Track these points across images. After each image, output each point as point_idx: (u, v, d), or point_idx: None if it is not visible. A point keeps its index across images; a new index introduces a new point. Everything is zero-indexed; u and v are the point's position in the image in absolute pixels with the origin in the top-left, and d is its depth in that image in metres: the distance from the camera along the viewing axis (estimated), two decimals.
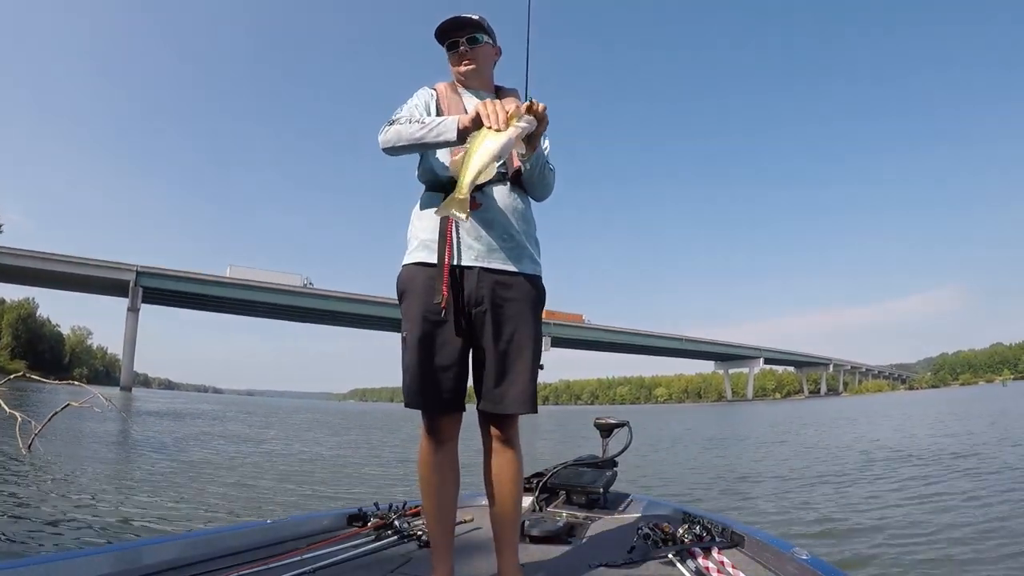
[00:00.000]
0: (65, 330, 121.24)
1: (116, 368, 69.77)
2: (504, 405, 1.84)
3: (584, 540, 2.46)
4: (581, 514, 2.85)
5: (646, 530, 2.27)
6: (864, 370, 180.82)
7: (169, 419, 21.49)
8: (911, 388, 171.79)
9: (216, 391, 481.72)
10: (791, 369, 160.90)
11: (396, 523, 2.50)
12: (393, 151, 1.84)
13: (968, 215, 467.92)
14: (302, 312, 75.69)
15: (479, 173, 1.63)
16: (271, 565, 1.99)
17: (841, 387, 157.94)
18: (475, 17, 1.97)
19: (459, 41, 1.96)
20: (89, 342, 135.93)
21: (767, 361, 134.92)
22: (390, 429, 22.43)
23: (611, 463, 3.20)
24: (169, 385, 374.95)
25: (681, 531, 2.30)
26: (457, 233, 1.84)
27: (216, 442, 13.37)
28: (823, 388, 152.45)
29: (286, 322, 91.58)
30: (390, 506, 2.69)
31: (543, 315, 1.95)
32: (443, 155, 1.89)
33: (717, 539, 2.24)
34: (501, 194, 1.88)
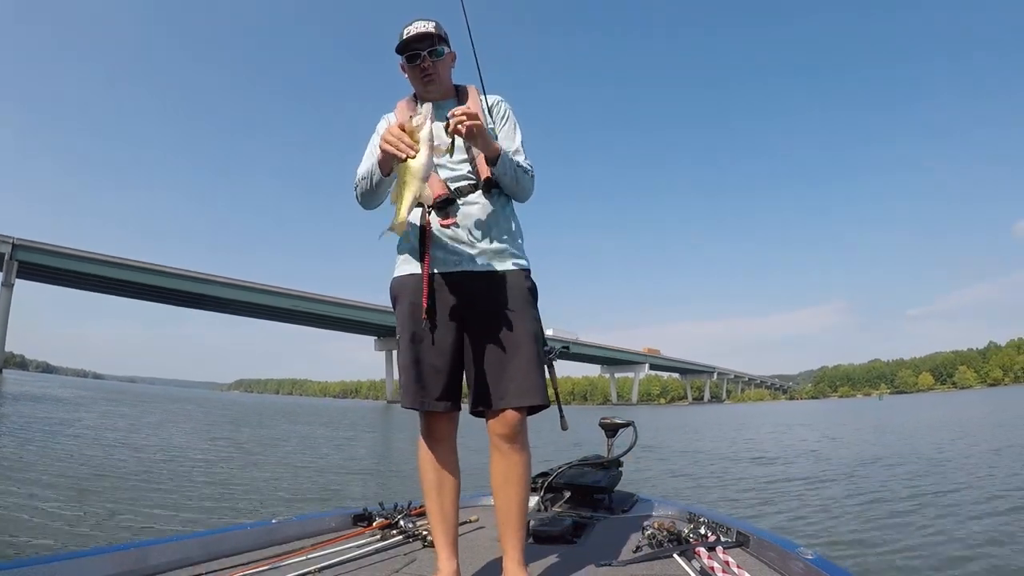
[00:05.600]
0: None
1: None
2: (505, 401, 1.82)
3: (589, 540, 2.46)
4: (587, 514, 2.85)
5: (651, 529, 2.30)
6: (747, 379, 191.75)
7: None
8: (791, 398, 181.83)
9: (97, 377, 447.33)
10: (676, 376, 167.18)
11: (401, 523, 2.52)
12: (369, 208, 1.95)
13: (856, 237, 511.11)
14: (190, 298, 72.50)
15: (414, 200, 1.65)
16: (276, 565, 2.00)
17: (724, 395, 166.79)
18: (436, 30, 1.96)
19: (421, 54, 1.95)
20: None
21: (653, 367, 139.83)
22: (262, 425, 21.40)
23: (616, 463, 3.22)
24: (47, 368, 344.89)
25: (686, 530, 2.32)
26: (436, 244, 1.90)
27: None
28: (707, 395, 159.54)
29: (174, 307, 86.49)
30: (395, 506, 2.72)
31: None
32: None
33: (722, 538, 2.24)
34: (475, 200, 1.92)
